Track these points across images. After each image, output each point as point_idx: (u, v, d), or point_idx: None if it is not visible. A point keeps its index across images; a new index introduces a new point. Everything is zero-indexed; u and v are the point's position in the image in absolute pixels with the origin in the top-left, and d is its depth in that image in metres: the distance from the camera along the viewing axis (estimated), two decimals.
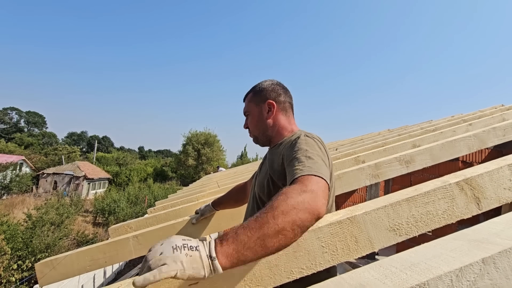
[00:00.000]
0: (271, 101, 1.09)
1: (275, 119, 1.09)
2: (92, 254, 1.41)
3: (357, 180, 1.75)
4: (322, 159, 0.83)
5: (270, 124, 1.09)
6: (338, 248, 0.75)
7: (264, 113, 1.09)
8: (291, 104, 1.14)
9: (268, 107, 1.09)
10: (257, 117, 1.12)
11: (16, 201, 18.18)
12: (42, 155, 31.60)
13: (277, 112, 1.09)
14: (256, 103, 1.12)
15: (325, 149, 0.91)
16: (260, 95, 1.11)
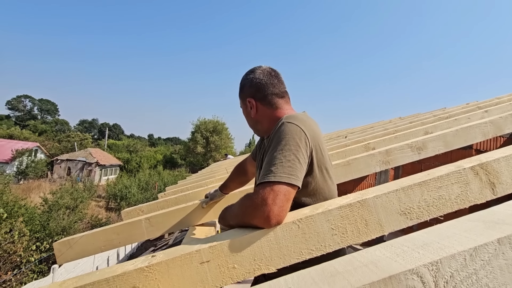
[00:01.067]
0: (250, 99, 1.05)
1: (260, 114, 1.05)
2: (106, 235, 1.46)
3: (367, 166, 1.74)
4: (293, 152, 0.81)
5: (257, 119, 1.07)
6: (347, 230, 0.76)
7: (248, 110, 1.08)
8: (276, 94, 1.04)
9: (250, 105, 1.06)
10: (245, 114, 1.12)
11: (33, 186, 18.87)
12: (56, 142, 32.41)
13: (260, 107, 1.04)
14: (241, 101, 1.11)
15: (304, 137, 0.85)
16: (242, 92, 1.09)
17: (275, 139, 0.85)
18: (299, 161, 0.81)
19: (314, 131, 0.90)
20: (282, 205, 0.74)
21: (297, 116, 0.92)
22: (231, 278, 0.72)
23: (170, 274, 0.70)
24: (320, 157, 0.91)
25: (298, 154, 0.81)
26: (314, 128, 0.91)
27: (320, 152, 0.91)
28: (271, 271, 0.73)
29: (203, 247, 0.72)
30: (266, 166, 0.80)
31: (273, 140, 0.86)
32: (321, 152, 0.91)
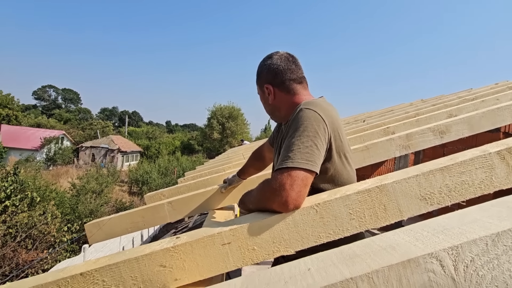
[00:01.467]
0: (267, 85, 1.04)
1: (278, 100, 1.05)
2: (132, 218, 1.55)
3: (386, 151, 1.70)
4: (311, 139, 0.81)
5: (275, 106, 1.07)
6: (365, 215, 0.76)
7: (266, 97, 1.07)
8: (294, 79, 1.03)
9: (267, 91, 1.05)
10: (263, 100, 1.11)
11: (61, 172, 20.01)
12: (80, 129, 33.85)
13: (277, 93, 1.04)
14: (259, 87, 1.10)
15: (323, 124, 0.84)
16: (259, 78, 1.08)
17: (293, 125, 0.86)
18: (317, 147, 0.81)
19: (332, 117, 0.89)
20: (300, 190, 0.75)
21: (315, 102, 0.91)
22: (251, 259, 0.75)
23: (194, 254, 0.75)
24: (339, 143, 0.90)
25: (316, 141, 0.82)
26: (332, 114, 0.90)
27: (339, 138, 0.90)
28: (289, 253, 0.75)
29: (224, 230, 0.75)
30: (284, 153, 0.81)
31: (291, 126, 0.87)
32: (340, 138, 0.91)
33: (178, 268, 0.74)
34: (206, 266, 0.75)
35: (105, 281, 0.73)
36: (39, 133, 26.20)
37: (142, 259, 0.74)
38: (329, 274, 0.40)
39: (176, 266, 0.74)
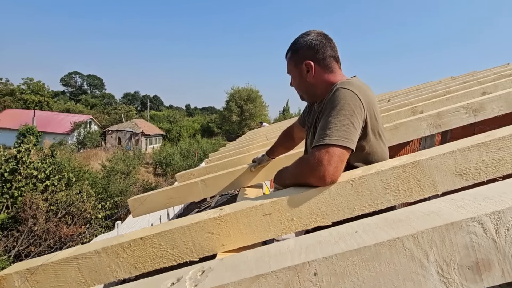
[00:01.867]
0: (308, 62, 1.03)
1: (316, 78, 1.04)
2: (169, 194, 1.67)
3: (415, 130, 1.69)
4: (347, 117, 0.84)
5: (312, 84, 1.05)
6: (400, 189, 0.80)
7: (304, 74, 1.05)
8: (333, 57, 1.04)
9: (307, 68, 1.04)
10: (298, 79, 1.09)
11: (91, 154, 21.21)
12: (105, 114, 35.29)
13: (317, 70, 1.03)
14: (294, 64, 1.08)
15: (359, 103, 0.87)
16: (297, 55, 1.06)
17: (330, 104, 0.89)
18: (353, 126, 0.84)
19: (368, 97, 0.91)
20: (337, 166, 0.80)
21: (351, 82, 0.93)
22: (290, 229, 0.82)
23: (239, 223, 0.83)
24: (374, 122, 0.93)
25: (352, 119, 0.85)
26: (368, 93, 0.92)
27: (374, 117, 0.93)
28: (326, 224, 0.81)
29: (265, 202, 0.82)
30: (321, 131, 0.85)
31: (328, 105, 0.90)
32: (375, 117, 0.93)
33: (225, 235, 0.83)
34: (249, 234, 0.83)
35: (161, 245, 0.84)
36: (68, 118, 27.64)
37: (193, 227, 0.83)
38: (376, 235, 0.45)
39: (222, 233, 0.83)
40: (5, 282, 0.87)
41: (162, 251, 0.84)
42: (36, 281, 0.86)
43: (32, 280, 0.86)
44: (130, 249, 0.84)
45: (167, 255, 0.84)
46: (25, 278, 0.86)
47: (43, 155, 8.09)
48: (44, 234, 6.88)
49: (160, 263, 0.84)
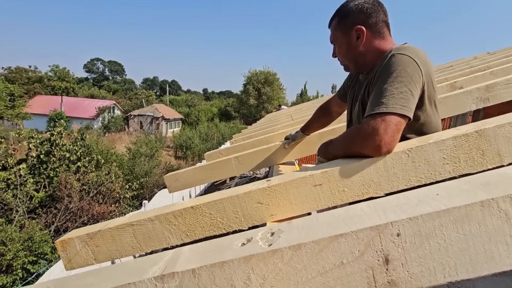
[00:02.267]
0: (360, 27, 0.94)
1: (367, 45, 0.96)
2: (203, 171, 1.70)
3: (461, 104, 1.59)
4: (404, 83, 0.80)
5: (362, 52, 0.98)
6: (461, 160, 0.75)
7: (353, 42, 0.97)
8: (385, 22, 0.97)
9: (357, 35, 0.96)
10: (346, 47, 1.00)
11: (115, 138, 22.07)
12: (127, 99, 36.25)
13: (369, 37, 0.95)
14: (342, 32, 0.99)
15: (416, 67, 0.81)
16: (346, 21, 0.97)
17: (385, 71, 0.84)
18: (411, 93, 0.80)
19: (426, 63, 0.85)
20: (393, 135, 0.76)
21: (407, 47, 0.87)
22: (341, 200, 0.81)
23: (288, 193, 0.82)
24: (431, 90, 0.88)
25: (410, 86, 0.80)
26: (426, 59, 0.86)
27: (432, 85, 0.88)
28: (379, 195, 0.79)
29: (315, 173, 0.80)
30: (375, 99, 0.81)
31: (382, 73, 0.85)
32: (432, 85, 0.88)
33: (274, 205, 0.83)
34: (299, 204, 0.83)
35: (211, 214, 0.85)
36: (93, 103, 28.70)
37: (243, 197, 0.84)
38: (464, 197, 0.43)
39: (272, 203, 0.83)
40: (68, 246, 0.93)
41: (212, 219, 0.86)
42: (95, 245, 0.92)
43: (92, 244, 0.92)
44: (182, 217, 0.87)
45: (217, 224, 0.86)
46: (85, 243, 0.92)
47: (74, 138, 8.51)
48: (78, 212, 7.37)
49: (210, 231, 0.87)
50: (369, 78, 0.96)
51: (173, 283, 0.49)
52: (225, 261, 0.46)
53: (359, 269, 0.44)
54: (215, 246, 0.53)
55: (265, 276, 0.45)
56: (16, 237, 5.36)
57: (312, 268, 0.44)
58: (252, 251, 0.46)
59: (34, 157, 7.53)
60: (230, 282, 0.46)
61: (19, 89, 22.48)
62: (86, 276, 0.65)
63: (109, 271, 0.62)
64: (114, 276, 0.57)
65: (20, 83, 29.50)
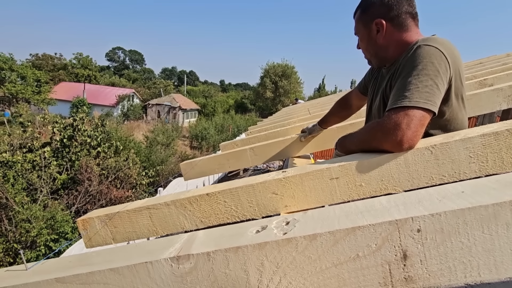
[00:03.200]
0: (379, 20, 0.92)
1: (388, 38, 0.93)
2: (219, 160, 1.72)
3: (491, 102, 1.50)
4: (430, 77, 0.76)
5: (383, 46, 0.95)
6: (488, 159, 0.72)
7: (373, 35, 0.95)
8: (410, 13, 0.92)
9: (377, 28, 0.94)
10: (367, 40, 0.99)
11: (134, 126, 22.66)
12: (146, 88, 37.01)
13: (389, 30, 0.93)
14: (364, 24, 0.98)
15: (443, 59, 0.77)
16: (366, 14, 0.96)
17: (409, 64, 0.80)
18: (437, 87, 0.76)
19: (455, 55, 0.81)
20: (416, 130, 0.73)
21: (435, 38, 0.83)
22: (358, 195, 0.79)
23: (304, 185, 0.82)
24: (459, 85, 0.83)
25: (436, 80, 0.76)
26: (454, 52, 0.82)
27: (460, 79, 0.83)
28: (397, 192, 0.77)
29: (332, 166, 0.79)
30: (398, 92, 0.78)
31: (406, 65, 0.81)
32: (460, 80, 0.83)
33: (289, 197, 0.83)
34: (314, 197, 0.82)
35: (226, 201, 0.86)
36: (114, 91, 29.50)
37: (257, 186, 0.84)
38: (492, 196, 0.41)
39: (286, 194, 0.83)
40: (88, 225, 0.97)
41: (227, 207, 0.87)
42: (114, 226, 0.95)
43: (110, 224, 0.95)
44: (197, 204, 0.88)
45: (231, 212, 0.87)
46: (104, 223, 0.96)
47: (95, 124, 8.82)
48: (97, 195, 7.68)
49: (224, 219, 0.88)
50: (392, 71, 0.93)
51: (188, 265, 0.50)
52: (239, 247, 0.47)
53: (375, 263, 0.43)
54: (230, 231, 0.54)
55: (278, 263, 0.46)
56: (40, 215, 5.69)
57: (326, 259, 0.44)
58: (266, 239, 0.47)
59: (58, 141, 7.88)
60: (244, 267, 0.47)
61: (45, 75, 23.48)
62: (105, 254, 0.67)
63: (127, 250, 0.64)
64: (132, 254, 0.59)
65: (46, 69, 30.78)
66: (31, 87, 20.83)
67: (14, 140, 7.27)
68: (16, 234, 5.49)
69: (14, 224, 5.53)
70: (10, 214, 5.60)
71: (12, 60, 20.85)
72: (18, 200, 5.78)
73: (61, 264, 0.66)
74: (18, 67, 20.94)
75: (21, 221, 5.52)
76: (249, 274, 0.47)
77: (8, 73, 20.12)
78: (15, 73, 20.34)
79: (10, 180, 5.89)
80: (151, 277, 0.52)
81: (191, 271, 0.50)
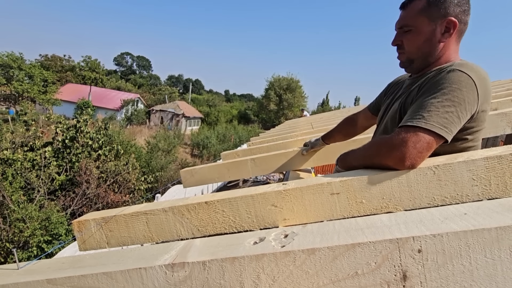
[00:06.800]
0: (453, 19, 0.82)
1: (448, 44, 0.85)
2: (219, 169, 1.72)
3: (494, 127, 1.51)
4: (453, 105, 0.74)
5: (439, 50, 0.86)
6: (492, 183, 0.71)
7: (438, 34, 0.84)
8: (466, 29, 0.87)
9: (447, 27, 0.83)
10: (426, 37, 0.86)
11: (136, 131, 22.77)
12: (151, 94, 37.40)
13: (455, 36, 0.85)
14: (430, 17, 0.84)
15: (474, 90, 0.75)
16: (439, 6, 0.82)
17: (437, 85, 0.78)
18: (457, 116, 0.74)
19: (487, 89, 0.79)
20: (422, 152, 0.73)
21: (471, 66, 0.79)
22: (358, 211, 0.78)
23: (303, 199, 0.81)
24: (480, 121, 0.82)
25: (459, 109, 0.74)
26: (488, 85, 0.79)
27: (483, 115, 0.82)
28: (398, 211, 0.76)
29: (334, 181, 0.79)
30: (416, 110, 0.77)
31: (433, 85, 0.79)
32: (483, 115, 0.82)
33: (288, 210, 0.82)
34: (314, 211, 0.81)
35: (224, 211, 0.85)
36: (119, 95, 29.82)
37: (257, 197, 0.83)
38: (495, 219, 0.40)
39: (286, 207, 0.82)
40: (84, 227, 0.96)
41: (225, 217, 0.86)
42: (109, 229, 0.94)
43: (106, 228, 0.94)
44: (195, 211, 0.87)
45: (229, 222, 0.86)
46: (100, 226, 0.94)
47: (98, 126, 8.87)
48: (94, 198, 7.63)
49: (221, 229, 0.86)
50: (418, 84, 0.89)
51: (182, 273, 0.49)
52: (236, 257, 0.46)
53: (374, 282, 0.42)
54: (227, 241, 0.53)
55: (275, 277, 0.45)
56: (35, 215, 5.63)
57: (324, 275, 0.43)
58: (264, 250, 0.46)
59: (60, 141, 7.91)
60: (239, 279, 0.46)
61: (52, 76, 23.83)
62: (99, 257, 0.66)
63: (121, 254, 0.63)
64: (126, 259, 0.58)
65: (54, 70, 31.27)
66: (38, 87, 21.10)
67: (16, 138, 7.31)
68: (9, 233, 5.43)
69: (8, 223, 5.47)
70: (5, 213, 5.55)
71: (21, 59, 21.22)
72: (14, 199, 5.74)
73: (54, 265, 0.65)
74: (26, 66, 21.29)
75: (16, 220, 5.46)
76: (245, 286, 0.46)
77: (17, 71, 20.45)
78: (23, 72, 20.66)
79: (8, 178, 5.88)
80: (144, 284, 0.50)
81: (185, 280, 0.49)
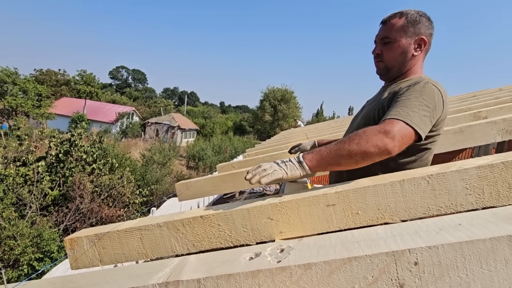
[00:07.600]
0: (424, 38, 1.00)
1: (417, 58, 1.03)
2: (215, 182, 1.70)
3: (485, 135, 1.53)
4: (429, 111, 0.86)
5: (410, 62, 1.03)
6: (485, 192, 0.72)
7: (412, 48, 1.01)
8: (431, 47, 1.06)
9: (419, 44, 1.01)
10: (403, 49, 1.01)
11: (131, 143, 22.60)
12: (146, 107, 37.42)
13: (423, 52, 1.03)
14: (406, 34, 1.01)
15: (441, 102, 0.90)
16: (414, 26, 1.00)
17: (416, 92, 0.89)
18: (430, 122, 0.86)
19: (447, 105, 0.93)
20: (402, 139, 0.80)
21: (438, 83, 0.94)
22: (354, 223, 0.78)
23: (299, 211, 0.80)
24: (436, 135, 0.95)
25: (433, 115, 0.86)
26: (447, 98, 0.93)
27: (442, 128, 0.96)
28: (394, 221, 0.76)
29: (329, 192, 0.78)
30: (400, 106, 0.85)
31: (413, 91, 0.89)
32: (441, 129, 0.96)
33: (284, 222, 0.81)
34: (310, 224, 0.80)
35: (220, 225, 0.84)
36: (114, 108, 29.77)
37: (253, 210, 0.82)
38: (490, 230, 0.40)
39: (282, 220, 0.81)
40: (76, 244, 0.94)
41: (220, 231, 0.84)
42: (102, 246, 0.92)
43: (99, 245, 0.92)
44: (190, 226, 0.86)
45: (224, 236, 0.84)
46: (93, 243, 0.92)
47: (92, 140, 8.80)
48: (88, 213, 7.47)
49: (217, 243, 0.85)
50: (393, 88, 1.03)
51: None
52: (231, 274, 0.45)
53: None
54: (222, 257, 0.52)
55: None
56: (26, 232, 5.48)
57: None
58: (260, 266, 0.45)
59: (53, 155, 7.80)
60: None
61: (46, 90, 23.72)
62: (91, 276, 0.64)
63: (114, 273, 0.61)
64: (119, 278, 0.56)
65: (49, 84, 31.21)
66: (32, 101, 20.98)
67: (9, 153, 7.19)
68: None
69: None
70: None
71: (16, 74, 21.17)
72: (5, 216, 5.59)
73: (44, 286, 0.63)
74: (21, 81, 21.22)
75: (6, 237, 5.30)
76: None
77: (11, 86, 20.35)
78: (17, 87, 20.57)
79: None
80: None
81: None
